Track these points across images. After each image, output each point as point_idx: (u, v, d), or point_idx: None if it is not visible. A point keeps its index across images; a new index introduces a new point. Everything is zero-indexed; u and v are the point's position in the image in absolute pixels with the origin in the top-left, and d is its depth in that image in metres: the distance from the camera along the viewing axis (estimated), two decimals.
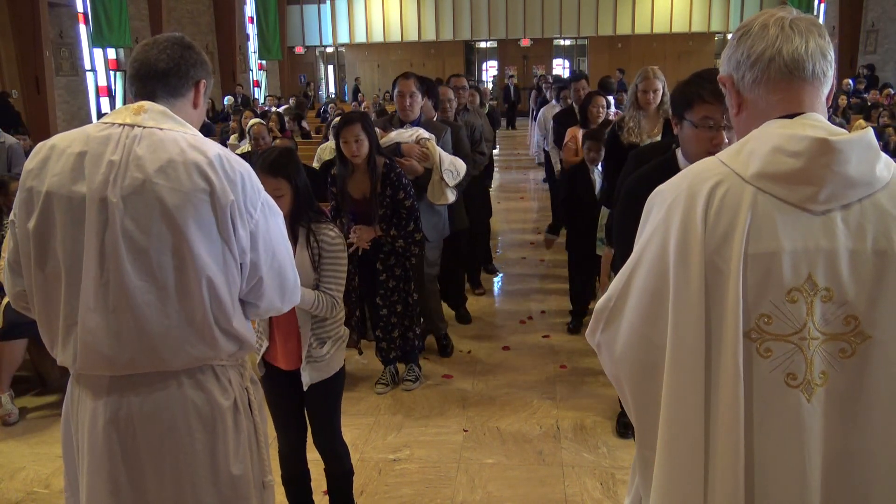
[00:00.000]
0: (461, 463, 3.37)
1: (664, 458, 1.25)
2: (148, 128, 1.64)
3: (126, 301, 1.61)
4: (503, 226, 8.55)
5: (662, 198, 1.28)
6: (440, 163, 4.14)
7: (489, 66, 26.89)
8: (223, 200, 1.62)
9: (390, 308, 3.95)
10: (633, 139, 4.12)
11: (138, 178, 1.59)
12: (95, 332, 1.62)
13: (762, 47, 1.23)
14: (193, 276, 1.62)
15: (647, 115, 4.19)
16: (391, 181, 3.69)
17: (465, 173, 4.31)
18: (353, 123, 3.61)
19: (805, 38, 1.21)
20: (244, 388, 1.82)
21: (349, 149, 3.60)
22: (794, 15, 1.24)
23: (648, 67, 4.27)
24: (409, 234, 3.78)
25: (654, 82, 4.18)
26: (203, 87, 1.78)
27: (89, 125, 1.70)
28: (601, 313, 1.38)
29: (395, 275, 3.92)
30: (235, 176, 1.65)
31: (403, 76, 4.37)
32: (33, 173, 1.66)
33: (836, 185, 1.15)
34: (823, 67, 1.23)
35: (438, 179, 4.16)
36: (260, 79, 23.22)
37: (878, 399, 1.16)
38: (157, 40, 1.74)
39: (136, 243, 1.60)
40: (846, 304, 1.16)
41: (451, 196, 4.23)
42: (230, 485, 1.77)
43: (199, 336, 1.66)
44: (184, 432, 1.70)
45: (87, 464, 1.72)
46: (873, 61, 18.60)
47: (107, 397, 1.69)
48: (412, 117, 4.30)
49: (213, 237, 1.63)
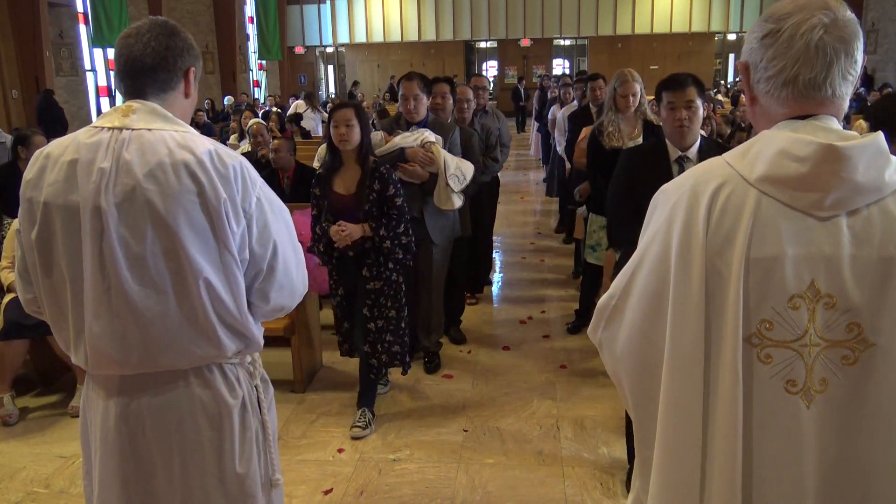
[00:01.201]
0: (461, 463, 3.37)
1: (661, 460, 1.25)
2: (137, 130, 1.62)
3: (128, 306, 1.62)
4: (504, 226, 8.54)
5: (666, 197, 1.27)
6: (445, 168, 4.03)
7: (489, 66, 26.90)
8: (214, 200, 1.60)
9: (378, 320, 3.61)
10: (614, 143, 4.13)
11: (128, 184, 1.58)
12: (102, 336, 1.64)
13: (781, 66, 1.18)
14: (191, 279, 1.62)
15: (625, 118, 4.20)
16: (380, 175, 3.50)
17: (472, 177, 4.22)
18: (347, 108, 3.50)
19: (828, 63, 1.15)
20: (253, 386, 1.83)
21: (339, 133, 3.43)
22: (829, 20, 1.15)
23: (625, 70, 4.27)
24: (397, 236, 3.52)
25: (633, 85, 4.17)
26: (192, 74, 1.73)
27: (80, 130, 1.68)
28: (603, 311, 1.38)
29: (383, 281, 3.59)
30: (227, 171, 1.62)
31: (406, 77, 4.28)
32: (31, 183, 1.66)
33: (843, 191, 1.13)
34: (843, 90, 1.18)
35: (444, 184, 4.05)
36: (260, 79, 23.23)
37: (880, 406, 1.15)
38: (140, 30, 1.67)
39: (132, 250, 1.60)
40: (849, 311, 1.14)
41: (457, 201, 4.13)
42: (236, 482, 1.79)
43: (202, 336, 1.67)
44: (191, 429, 1.73)
45: (99, 458, 1.75)
46: (873, 61, 18.61)
47: (117, 395, 1.71)
48: (418, 119, 4.22)
49: (206, 238, 1.62)
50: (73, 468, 3.41)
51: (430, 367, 4.42)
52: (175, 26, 1.72)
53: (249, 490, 1.81)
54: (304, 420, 3.83)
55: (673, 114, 2.95)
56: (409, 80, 4.25)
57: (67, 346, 1.72)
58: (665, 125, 3.04)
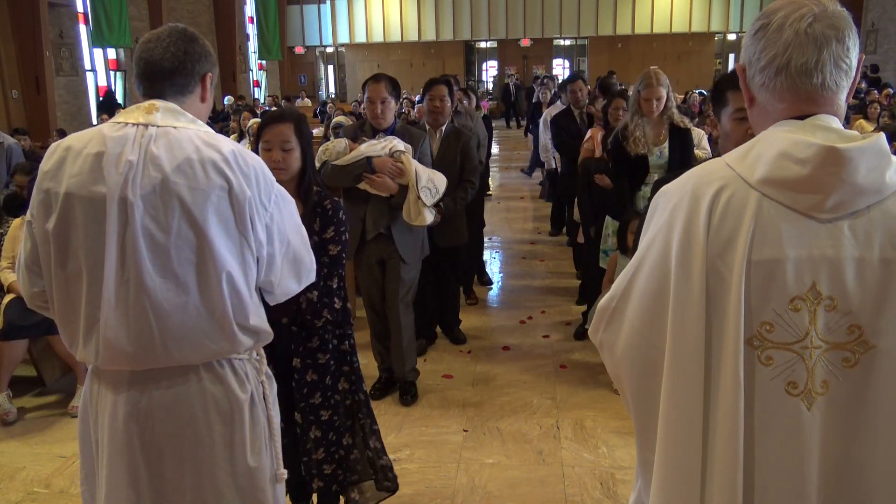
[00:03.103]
0: (461, 463, 3.37)
1: (662, 462, 1.25)
2: (162, 126, 1.67)
3: (146, 298, 1.63)
4: (503, 226, 8.55)
5: (667, 199, 1.27)
6: (417, 179, 3.62)
7: (489, 66, 26.90)
8: (241, 196, 1.66)
9: (318, 425, 2.53)
10: (640, 150, 3.87)
11: (156, 177, 1.62)
12: (117, 329, 1.65)
13: (772, 54, 1.18)
14: (213, 272, 1.65)
15: (650, 122, 3.92)
16: (324, 211, 2.53)
17: (445, 190, 3.80)
18: (282, 122, 2.50)
19: (819, 47, 1.16)
20: (260, 381, 1.85)
21: (272, 158, 2.44)
22: (818, 10, 1.16)
23: (651, 70, 3.95)
24: (330, 303, 2.47)
25: (657, 89, 3.86)
26: (209, 79, 1.81)
27: (104, 124, 1.72)
28: (603, 312, 1.38)
29: (322, 372, 2.53)
30: (250, 171, 1.69)
31: (373, 79, 3.78)
32: (49, 175, 1.68)
33: (844, 193, 1.13)
34: (836, 79, 1.18)
35: (415, 198, 3.64)
36: (260, 79, 23.24)
37: (881, 408, 1.15)
38: (160, 36, 1.74)
39: (156, 241, 1.63)
40: (850, 313, 1.14)
41: (429, 217, 3.70)
42: (248, 476, 1.80)
43: (219, 331, 1.70)
44: (202, 425, 1.74)
45: (106, 456, 1.75)
46: (873, 61, 18.60)
47: (127, 391, 1.72)
48: (385, 125, 3.76)
49: (231, 233, 1.67)
50: (73, 468, 3.41)
51: (406, 399, 3.97)
52: (194, 33, 1.79)
53: (260, 484, 1.82)
54: None
55: (743, 125, 2.14)
56: (375, 81, 3.77)
57: (75, 341, 1.72)
58: (733, 135, 2.20)
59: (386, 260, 3.87)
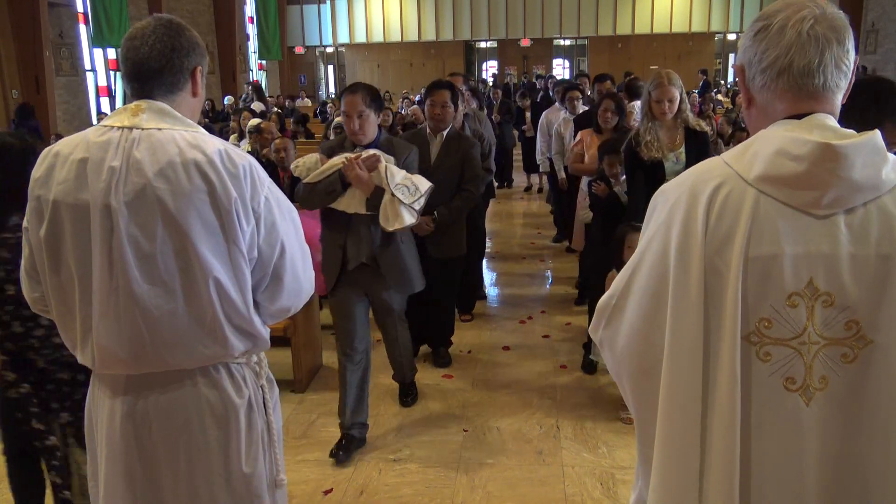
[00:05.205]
0: (461, 463, 3.37)
1: (661, 458, 1.26)
2: (147, 129, 1.62)
3: (136, 306, 1.62)
4: (504, 226, 8.55)
5: (665, 197, 1.28)
6: (390, 178, 3.22)
7: (489, 66, 26.91)
8: (225, 199, 1.61)
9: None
10: (654, 154, 3.67)
11: (139, 182, 1.59)
12: (109, 336, 1.64)
13: (774, 55, 1.19)
14: (200, 278, 1.62)
15: (663, 125, 3.71)
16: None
17: (427, 190, 3.34)
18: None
19: (821, 48, 1.17)
20: (259, 386, 1.83)
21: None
22: (818, 12, 1.17)
23: (662, 72, 3.73)
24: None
25: (669, 90, 3.63)
26: (199, 73, 1.73)
27: (90, 129, 1.68)
28: (604, 311, 1.39)
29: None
30: (237, 170, 1.63)
31: (349, 90, 3.29)
32: (40, 182, 1.66)
33: (841, 189, 1.14)
34: (837, 80, 1.19)
35: (390, 199, 3.23)
36: (260, 79, 23.23)
37: (880, 403, 1.16)
38: (145, 32, 1.66)
39: (142, 249, 1.60)
40: (847, 308, 1.15)
41: (408, 218, 3.24)
42: (243, 482, 1.79)
43: (210, 336, 1.67)
44: (198, 429, 1.73)
45: (104, 457, 1.75)
46: (873, 61, 18.61)
47: (124, 395, 1.71)
48: (366, 140, 3.31)
49: (217, 237, 1.63)
50: None
51: (406, 400, 3.95)
52: (180, 24, 1.70)
53: (255, 490, 1.81)
54: (304, 420, 3.83)
55: None
56: (351, 93, 3.27)
57: (74, 345, 1.72)
58: None
59: (371, 295, 3.48)
